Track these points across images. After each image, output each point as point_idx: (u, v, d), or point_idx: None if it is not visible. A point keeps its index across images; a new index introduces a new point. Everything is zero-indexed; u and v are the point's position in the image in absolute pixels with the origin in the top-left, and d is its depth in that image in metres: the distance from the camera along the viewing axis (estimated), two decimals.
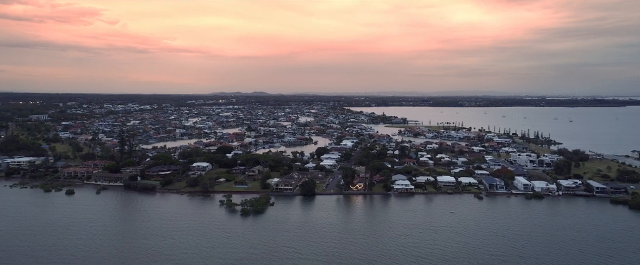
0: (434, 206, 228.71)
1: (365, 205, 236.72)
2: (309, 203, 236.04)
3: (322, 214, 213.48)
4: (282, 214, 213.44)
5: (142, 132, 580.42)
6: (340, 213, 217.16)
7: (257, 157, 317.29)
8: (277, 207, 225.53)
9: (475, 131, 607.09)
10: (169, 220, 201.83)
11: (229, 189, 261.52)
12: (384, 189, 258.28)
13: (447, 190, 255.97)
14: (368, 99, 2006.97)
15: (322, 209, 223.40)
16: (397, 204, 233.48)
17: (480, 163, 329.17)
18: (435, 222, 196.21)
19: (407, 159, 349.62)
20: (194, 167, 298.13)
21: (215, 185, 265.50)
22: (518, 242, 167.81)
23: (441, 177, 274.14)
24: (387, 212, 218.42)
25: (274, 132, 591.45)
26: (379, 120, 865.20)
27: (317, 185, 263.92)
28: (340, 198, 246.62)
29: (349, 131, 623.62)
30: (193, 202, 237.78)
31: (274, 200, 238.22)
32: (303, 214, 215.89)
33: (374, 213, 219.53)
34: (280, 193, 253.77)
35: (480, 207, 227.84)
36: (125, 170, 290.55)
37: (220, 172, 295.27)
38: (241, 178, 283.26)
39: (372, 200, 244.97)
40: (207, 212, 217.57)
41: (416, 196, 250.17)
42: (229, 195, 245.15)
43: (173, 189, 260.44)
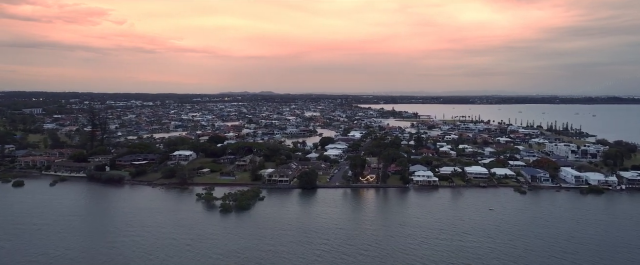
0: (465, 202, 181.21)
1: (377, 200, 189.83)
2: (308, 198, 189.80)
3: (324, 211, 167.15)
4: (272, 210, 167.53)
5: (134, 124, 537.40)
6: (346, 210, 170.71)
7: (249, 145, 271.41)
8: (267, 202, 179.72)
9: (494, 124, 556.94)
10: (127, 217, 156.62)
11: (213, 180, 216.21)
12: (401, 181, 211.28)
13: (479, 183, 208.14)
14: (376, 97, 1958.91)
15: (323, 204, 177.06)
16: (417, 199, 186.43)
17: (512, 153, 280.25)
18: (470, 223, 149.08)
19: (425, 150, 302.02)
20: (174, 156, 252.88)
21: (196, 176, 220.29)
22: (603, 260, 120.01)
23: (470, 168, 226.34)
24: (405, 210, 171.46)
25: (276, 125, 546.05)
26: (389, 115, 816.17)
27: (320, 177, 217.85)
28: (347, 192, 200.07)
29: (357, 123, 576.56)
30: (166, 196, 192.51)
31: (266, 193, 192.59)
32: (299, 211, 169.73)
33: (390, 211, 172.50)
34: (274, 185, 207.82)
35: (526, 204, 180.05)
36: (94, 159, 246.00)
37: (206, 161, 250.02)
38: (229, 168, 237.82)
39: (386, 194, 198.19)
40: (179, 208, 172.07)
41: (441, 190, 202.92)
42: (210, 188, 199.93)
43: (145, 181, 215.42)
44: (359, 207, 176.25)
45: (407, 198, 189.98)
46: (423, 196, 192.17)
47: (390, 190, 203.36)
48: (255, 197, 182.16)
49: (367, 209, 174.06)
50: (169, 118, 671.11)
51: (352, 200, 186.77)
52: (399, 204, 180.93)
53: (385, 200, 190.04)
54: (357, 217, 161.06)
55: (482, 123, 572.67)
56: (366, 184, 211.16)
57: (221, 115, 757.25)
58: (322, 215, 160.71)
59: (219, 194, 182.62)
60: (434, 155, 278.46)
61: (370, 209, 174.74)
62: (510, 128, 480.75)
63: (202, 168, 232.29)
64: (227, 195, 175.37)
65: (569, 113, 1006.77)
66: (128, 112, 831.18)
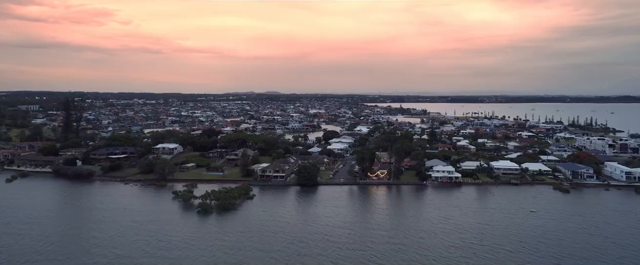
0: (496, 202, 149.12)
1: (390, 200, 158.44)
2: (307, 196, 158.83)
3: (324, 213, 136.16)
4: (261, 212, 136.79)
5: (128, 119, 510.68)
6: (351, 212, 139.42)
7: (243, 137, 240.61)
8: (257, 202, 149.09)
9: (510, 120, 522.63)
10: (75, 220, 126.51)
11: (197, 177, 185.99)
12: (417, 177, 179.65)
13: (510, 180, 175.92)
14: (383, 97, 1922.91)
15: (324, 204, 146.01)
16: (438, 199, 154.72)
17: (542, 147, 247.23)
18: (503, 230, 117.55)
19: (441, 145, 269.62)
20: (157, 149, 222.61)
21: (179, 171, 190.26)
22: None
23: (497, 163, 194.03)
24: (424, 212, 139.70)
25: (278, 120, 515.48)
26: (397, 112, 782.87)
27: (322, 173, 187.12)
28: (353, 190, 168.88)
29: (364, 120, 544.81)
30: (138, 194, 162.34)
31: (257, 191, 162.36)
32: (294, 212, 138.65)
33: (404, 213, 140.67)
34: (268, 182, 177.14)
35: (571, 205, 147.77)
36: (66, 152, 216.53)
37: (193, 156, 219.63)
38: (219, 163, 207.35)
39: (400, 193, 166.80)
40: (149, 209, 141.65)
41: (464, 187, 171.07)
42: (192, 185, 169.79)
43: (118, 177, 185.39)
44: (367, 208, 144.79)
45: (425, 197, 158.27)
46: (444, 195, 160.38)
47: (405, 188, 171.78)
48: (243, 195, 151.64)
49: (378, 210, 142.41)
50: (168, 114, 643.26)
51: (360, 199, 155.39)
52: (416, 205, 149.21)
53: (398, 199, 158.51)
54: (365, 220, 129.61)
55: (496, 119, 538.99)
56: (376, 180, 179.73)
57: (222, 112, 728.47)
58: (321, 218, 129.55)
59: (203, 191, 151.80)
60: (451, 150, 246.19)
61: (381, 210, 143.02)
62: (530, 123, 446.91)
63: (186, 163, 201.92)
64: (208, 193, 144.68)
65: (584, 111, 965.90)
66: (128, 109, 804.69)
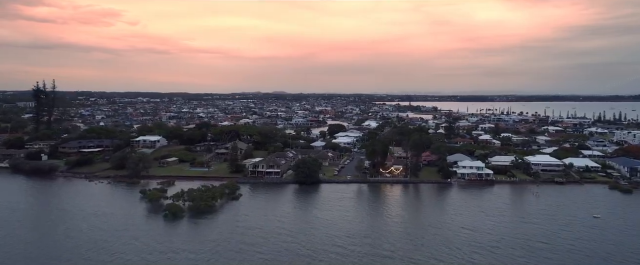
0: (545, 207, 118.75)
1: (407, 202, 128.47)
2: (306, 196, 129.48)
3: (325, 217, 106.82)
4: (245, 217, 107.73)
5: (124, 115, 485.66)
6: (359, 218, 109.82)
7: (235, 129, 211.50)
8: (244, 203, 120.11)
9: (528, 116, 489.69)
10: (9, 226, 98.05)
11: (177, 172, 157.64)
12: (439, 174, 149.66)
13: (553, 178, 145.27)
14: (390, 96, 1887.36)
15: (326, 207, 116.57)
16: (467, 201, 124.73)
17: (580, 141, 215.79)
18: (565, 246, 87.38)
19: (460, 139, 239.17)
20: (137, 142, 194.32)
21: (158, 167, 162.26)
22: None
23: (534, 158, 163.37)
24: (452, 218, 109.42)
25: (281, 116, 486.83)
26: (406, 109, 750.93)
27: (325, 170, 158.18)
28: (362, 189, 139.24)
29: (372, 115, 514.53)
30: (100, 193, 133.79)
31: (247, 190, 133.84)
32: (287, 217, 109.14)
33: (427, 220, 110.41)
34: (260, 179, 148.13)
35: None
36: (32, 145, 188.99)
37: (178, 149, 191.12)
38: (207, 158, 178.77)
39: (419, 193, 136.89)
40: (106, 211, 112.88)
41: (497, 186, 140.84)
42: (169, 182, 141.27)
43: (83, 173, 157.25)
44: (379, 211, 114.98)
45: (451, 199, 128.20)
46: (474, 196, 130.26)
47: (425, 187, 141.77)
48: (227, 195, 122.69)
49: (392, 215, 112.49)
50: (168, 111, 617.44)
51: (370, 200, 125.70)
52: (440, 209, 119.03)
53: (418, 201, 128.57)
54: (376, 229, 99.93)
55: (514, 114, 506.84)
56: (390, 178, 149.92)
57: (225, 110, 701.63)
58: (321, 223, 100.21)
59: (180, 190, 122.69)
60: (473, 145, 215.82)
61: (397, 216, 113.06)
62: (552, 119, 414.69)
63: (167, 157, 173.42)
64: (181, 193, 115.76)
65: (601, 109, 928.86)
66: (129, 106, 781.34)
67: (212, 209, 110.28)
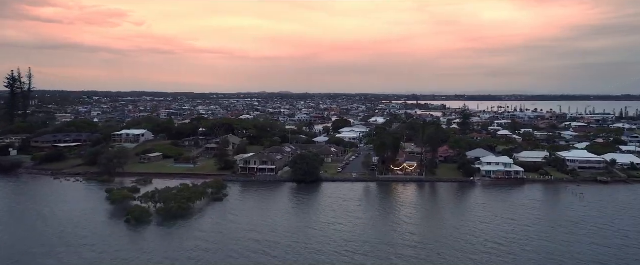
0: (591, 210, 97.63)
1: (424, 205, 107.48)
2: (304, 197, 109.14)
3: (325, 223, 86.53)
4: (227, 223, 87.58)
5: (120, 111, 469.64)
6: (364, 223, 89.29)
7: (229, 122, 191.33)
8: (229, 205, 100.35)
9: (543, 112, 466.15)
10: None
11: (158, 169, 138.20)
12: (460, 172, 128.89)
13: (596, 177, 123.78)
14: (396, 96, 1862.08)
15: (326, 210, 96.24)
16: (496, 205, 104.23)
17: (616, 136, 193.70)
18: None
19: (476, 134, 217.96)
20: (119, 136, 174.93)
21: (139, 163, 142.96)
22: None
23: (569, 153, 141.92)
24: (481, 228, 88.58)
25: (284, 113, 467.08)
26: (414, 107, 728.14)
27: (327, 166, 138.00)
28: (369, 188, 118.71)
29: (379, 113, 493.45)
30: (63, 192, 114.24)
31: (237, 189, 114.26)
32: (279, 222, 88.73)
33: (448, 230, 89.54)
34: (251, 177, 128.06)
35: None
36: (3, 140, 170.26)
37: (164, 144, 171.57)
38: (195, 153, 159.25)
39: (436, 193, 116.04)
40: (59, 214, 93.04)
41: (529, 186, 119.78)
42: (146, 180, 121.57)
43: (51, 169, 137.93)
44: (389, 218, 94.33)
45: (476, 201, 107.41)
46: (503, 197, 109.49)
47: (444, 187, 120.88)
48: (210, 195, 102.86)
49: (405, 222, 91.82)
50: (168, 108, 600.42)
51: (379, 202, 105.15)
52: (463, 213, 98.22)
53: (436, 204, 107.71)
54: (386, 238, 79.43)
55: (528, 111, 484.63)
56: (402, 176, 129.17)
57: (227, 107, 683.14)
58: (320, 233, 79.91)
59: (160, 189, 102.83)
60: (493, 139, 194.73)
61: (411, 223, 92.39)
62: (570, 115, 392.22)
63: (150, 152, 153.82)
64: (151, 193, 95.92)
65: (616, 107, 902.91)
66: (131, 104, 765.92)
67: (187, 213, 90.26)
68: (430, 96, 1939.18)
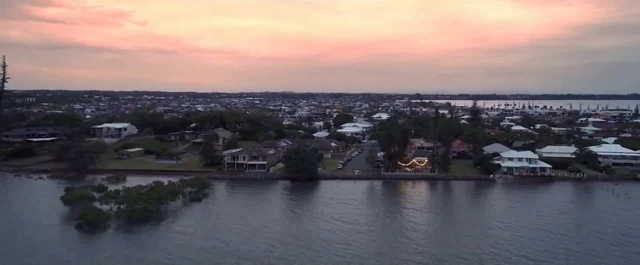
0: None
1: (437, 207, 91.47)
2: (298, 197, 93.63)
3: (323, 229, 70.78)
4: (201, 229, 71.97)
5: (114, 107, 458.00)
6: (371, 234, 73.46)
7: (220, 116, 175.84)
8: (206, 207, 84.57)
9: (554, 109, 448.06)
10: None
11: (137, 166, 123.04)
12: (477, 169, 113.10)
13: (635, 175, 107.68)
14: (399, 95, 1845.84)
15: (323, 214, 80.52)
16: (523, 207, 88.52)
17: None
18: None
19: (488, 129, 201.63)
20: (99, 130, 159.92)
21: (117, 159, 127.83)
22: None
23: (599, 148, 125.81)
24: (508, 240, 72.65)
25: (285, 110, 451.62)
26: (418, 105, 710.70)
27: (327, 163, 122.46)
28: (374, 187, 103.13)
29: (383, 109, 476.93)
30: (19, 190, 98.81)
31: (223, 188, 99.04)
32: (266, 231, 72.93)
33: (467, 239, 73.71)
34: (239, 174, 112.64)
35: None
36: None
37: (147, 139, 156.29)
38: (180, 149, 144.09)
39: (451, 193, 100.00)
40: (4, 216, 77.75)
41: (557, 184, 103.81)
42: (118, 178, 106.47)
43: (14, 166, 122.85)
44: (397, 222, 78.53)
45: (498, 202, 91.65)
46: (531, 199, 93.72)
47: (459, 186, 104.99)
48: (186, 194, 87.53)
49: (415, 228, 76.06)
50: (166, 106, 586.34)
51: (385, 204, 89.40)
52: (484, 216, 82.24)
53: (451, 206, 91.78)
54: (394, 249, 63.79)
55: (537, 108, 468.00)
56: (411, 173, 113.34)
57: (228, 105, 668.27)
58: (317, 243, 64.34)
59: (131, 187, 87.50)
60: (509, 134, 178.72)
61: (422, 230, 76.65)
62: (583, 111, 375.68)
63: (129, 147, 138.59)
64: (115, 192, 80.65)
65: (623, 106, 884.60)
66: (130, 103, 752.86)
67: (155, 216, 74.83)
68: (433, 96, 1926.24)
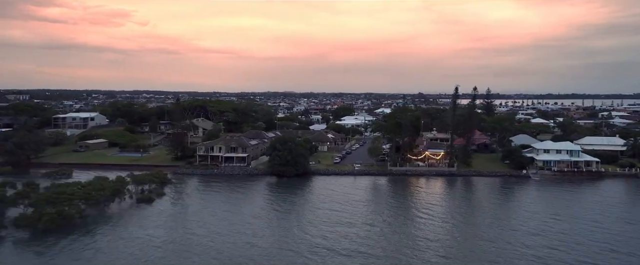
0: None
1: (460, 212, 69.85)
2: (283, 198, 72.58)
3: (315, 244, 49.36)
4: (136, 242, 50.72)
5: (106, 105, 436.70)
6: (372, 250, 51.71)
7: (203, 104, 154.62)
8: (152, 213, 63.33)
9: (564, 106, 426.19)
10: None
11: (94, 159, 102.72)
12: (504, 163, 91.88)
13: None
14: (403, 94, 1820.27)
15: (315, 221, 59.15)
16: (572, 212, 66.69)
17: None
18: None
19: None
20: (63, 119, 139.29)
21: (74, 152, 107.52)
22: None
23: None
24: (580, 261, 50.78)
25: (283, 106, 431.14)
26: (422, 103, 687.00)
27: (322, 156, 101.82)
28: (378, 184, 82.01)
29: (386, 106, 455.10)
30: None
31: (194, 185, 78.49)
32: (232, 243, 51.56)
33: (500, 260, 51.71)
34: (212, 169, 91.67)
35: None
36: None
37: (116, 130, 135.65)
38: (152, 140, 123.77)
39: (474, 193, 78.56)
40: None
41: (608, 182, 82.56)
42: (60, 173, 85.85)
43: None
44: (407, 233, 57.27)
45: (537, 207, 70.44)
46: (582, 199, 72.43)
47: (482, 182, 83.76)
48: (130, 193, 66.84)
49: (429, 243, 54.79)
50: (160, 103, 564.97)
51: (391, 207, 68.21)
52: (523, 228, 60.80)
53: (475, 211, 70.36)
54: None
55: (547, 104, 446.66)
56: (424, 167, 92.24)
57: None
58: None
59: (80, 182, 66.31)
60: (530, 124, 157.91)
61: (445, 245, 55.35)
62: (599, 107, 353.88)
63: (87, 139, 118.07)
64: (25, 192, 59.85)
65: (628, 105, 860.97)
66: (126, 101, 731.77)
67: (79, 222, 54.00)
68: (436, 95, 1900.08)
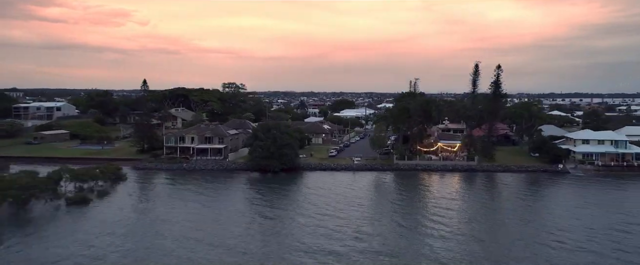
0: None
1: (486, 219, 53.46)
2: (261, 204, 56.20)
3: None
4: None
5: None
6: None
7: (185, 93, 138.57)
8: (90, 218, 47.20)
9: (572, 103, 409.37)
10: None
11: (45, 152, 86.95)
12: (537, 157, 75.62)
13: None
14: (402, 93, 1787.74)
15: (295, 233, 42.98)
16: (628, 217, 49.83)
17: None
18: None
19: None
20: (25, 109, 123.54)
21: (26, 145, 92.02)
22: None
23: None
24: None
25: (280, 102, 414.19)
26: None
27: (315, 149, 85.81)
28: (381, 181, 66.02)
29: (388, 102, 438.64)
30: None
31: (157, 181, 62.15)
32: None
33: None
34: (181, 163, 75.62)
35: None
36: None
37: (82, 122, 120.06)
38: (124, 132, 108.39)
39: (500, 193, 62.34)
40: None
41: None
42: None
43: None
44: (415, 244, 40.90)
45: (583, 212, 54.11)
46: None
47: (510, 179, 67.68)
48: (57, 193, 50.80)
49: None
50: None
51: (396, 213, 51.97)
52: (570, 242, 44.42)
53: (505, 215, 54.04)
54: None
55: (557, 99, 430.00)
56: (437, 162, 76.28)
57: None
58: None
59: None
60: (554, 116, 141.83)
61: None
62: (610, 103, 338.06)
63: (47, 130, 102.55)
64: None
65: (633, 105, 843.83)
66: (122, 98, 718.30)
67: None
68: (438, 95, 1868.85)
